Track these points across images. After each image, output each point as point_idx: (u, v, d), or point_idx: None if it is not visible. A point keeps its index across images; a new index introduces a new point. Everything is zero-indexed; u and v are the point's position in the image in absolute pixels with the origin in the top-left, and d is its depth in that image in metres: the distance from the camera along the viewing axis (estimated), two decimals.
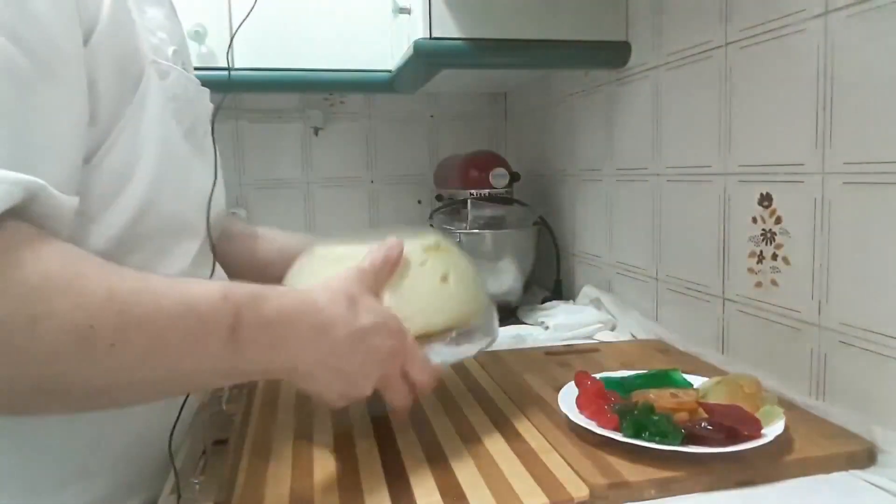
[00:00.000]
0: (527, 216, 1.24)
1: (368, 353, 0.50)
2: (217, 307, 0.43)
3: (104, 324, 0.38)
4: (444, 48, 1.00)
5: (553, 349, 0.92)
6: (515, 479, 0.53)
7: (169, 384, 0.44)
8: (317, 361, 0.48)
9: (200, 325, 0.41)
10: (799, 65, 0.70)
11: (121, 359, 0.39)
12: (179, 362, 0.41)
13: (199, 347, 0.42)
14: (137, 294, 0.40)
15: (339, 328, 0.49)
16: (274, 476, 0.55)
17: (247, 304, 0.44)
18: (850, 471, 0.56)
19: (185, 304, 0.41)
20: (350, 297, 0.51)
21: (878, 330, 0.63)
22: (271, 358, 0.46)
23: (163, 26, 0.59)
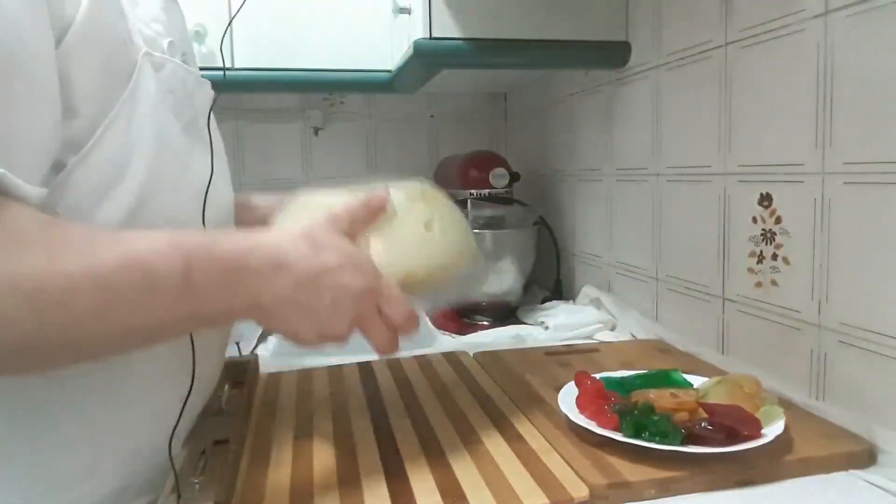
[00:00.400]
0: (527, 216, 1.24)
1: (337, 290, 0.49)
2: (165, 255, 0.43)
3: (50, 283, 0.38)
4: (444, 48, 1.00)
5: (553, 349, 0.92)
6: (515, 479, 0.53)
7: (133, 336, 0.44)
8: (279, 298, 0.47)
9: (149, 275, 0.42)
10: (799, 65, 0.70)
11: (72, 316, 0.39)
12: (135, 314, 0.42)
13: (152, 297, 0.42)
14: (83, 250, 0.41)
15: (299, 263, 0.48)
16: (274, 476, 0.56)
17: (196, 248, 0.44)
18: (850, 471, 0.56)
19: (130, 257, 0.42)
20: (310, 237, 0.50)
21: (878, 330, 0.63)
22: (230, 298, 0.45)
23: (158, 18, 0.58)
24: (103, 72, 0.49)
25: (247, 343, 1.01)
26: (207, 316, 0.46)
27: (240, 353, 0.82)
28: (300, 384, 0.79)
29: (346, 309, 0.50)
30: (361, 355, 0.86)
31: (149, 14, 0.57)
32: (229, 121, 1.55)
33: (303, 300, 0.48)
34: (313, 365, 0.86)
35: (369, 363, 0.86)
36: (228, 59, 1.26)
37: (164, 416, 0.54)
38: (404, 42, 1.11)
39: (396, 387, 0.77)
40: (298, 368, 0.85)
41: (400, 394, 0.75)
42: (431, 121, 1.68)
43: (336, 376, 0.82)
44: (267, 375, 0.82)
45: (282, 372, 0.83)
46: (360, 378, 0.81)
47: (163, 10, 0.60)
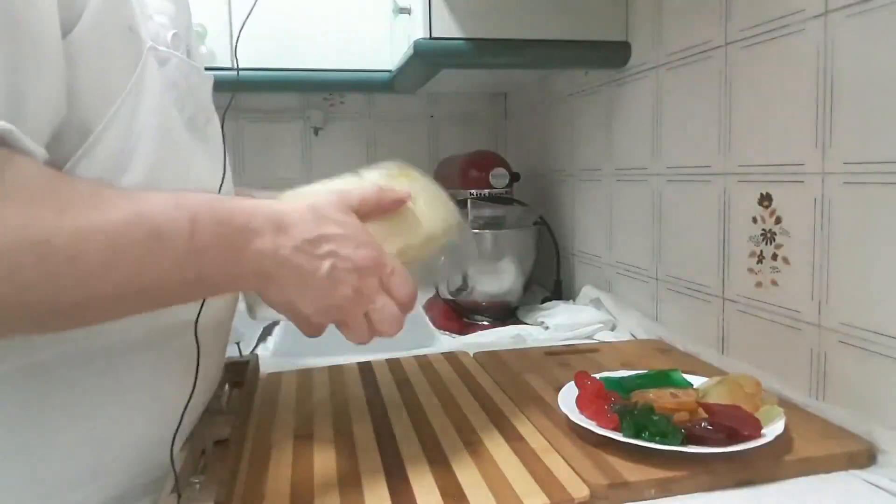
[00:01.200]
0: (527, 216, 1.24)
1: (337, 260, 0.49)
2: (171, 215, 0.43)
3: (59, 238, 0.38)
4: (444, 48, 1.00)
5: (553, 349, 0.92)
6: (515, 479, 0.53)
7: (137, 298, 0.44)
8: (278, 260, 0.47)
9: (156, 234, 0.42)
10: (799, 65, 0.70)
11: (80, 272, 0.39)
12: (141, 273, 0.42)
13: (158, 256, 0.42)
14: (91, 206, 0.40)
15: (300, 227, 0.48)
16: (274, 476, 0.56)
17: (202, 209, 0.44)
18: (850, 471, 0.56)
19: (138, 214, 0.42)
20: (314, 208, 0.50)
21: (878, 330, 0.63)
22: (234, 260, 0.46)
23: (163, 10, 0.58)
24: (110, 61, 0.49)
25: (247, 343, 1.01)
26: (212, 279, 0.46)
27: (240, 353, 0.82)
28: (300, 384, 0.79)
29: (346, 281, 0.49)
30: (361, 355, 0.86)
31: (153, 6, 0.57)
32: (229, 121, 1.54)
33: (302, 264, 0.48)
34: (313, 365, 0.86)
35: (369, 363, 0.86)
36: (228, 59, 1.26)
37: (168, 418, 0.54)
38: (404, 42, 1.11)
39: (396, 387, 0.77)
40: (298, 368, 0.84)
41: (400, 394, 0.75)
42: (431, 121, 1.68)
43: (336, 376, 0.82)
44: (267, 375, 0.82)
45: (282, 372, 0.83)
46: (360, 378, 0.81)
47: (170, 1, 0.60)
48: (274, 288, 0.49)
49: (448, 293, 1.14)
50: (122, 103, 0.49)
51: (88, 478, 0.52)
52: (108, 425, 0.52)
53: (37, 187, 0.39)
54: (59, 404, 0.50)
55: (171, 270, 0.43)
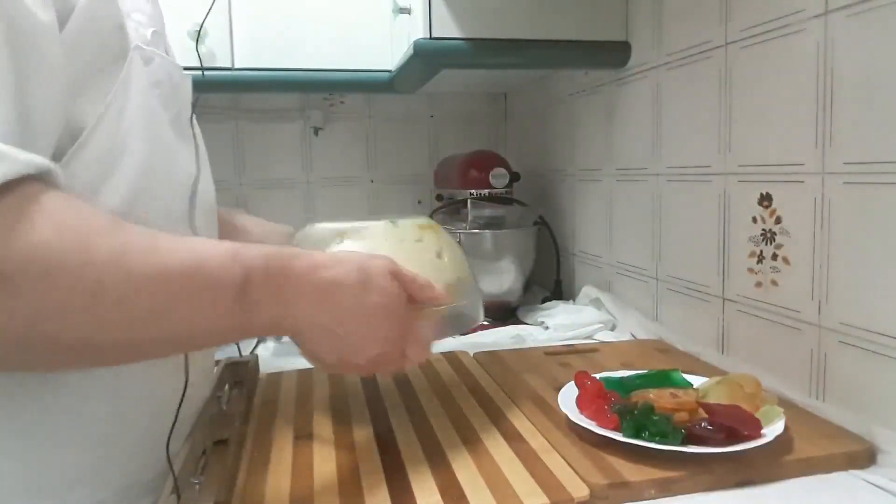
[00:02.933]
0: (527, 216, 1.24)
1: (372, 330, 0.51)
2: (226, 266, 0.43)
3: (113, 280, 0.39)
4: (444, 48, 1.00)
5: (553, 349, 0.92)
6: (515, 479, 0.53)
7: (177, 343, 0.45)
8: (317, 325, 0.49)
9: (209, 284, 0.42)
10: (799, 65, 0.70)
11: (129, 315, 0.39)
12: (188, 320, 0.42)
13: (207, 305, 0.42)
14: (146, 251, 0.41)
15: (346, 294, 0.50)
16: (274, 476, 0.56)
17: (256, 263, 0.45)
18: (850, 471, 0.56)
19: (194, 262, 0.42)
20: (362, 269, 0.51)
21: (878, 330, 0.63)
22: (279, 317, 0.47)
23: (140, 8, 0.58)
24: (97, 62, 0.49)
25: (247, 343, 1.01)
26: (252, 329, 0.47)
27: (240, 353, 0.82)
28: (300, 384, 0.79)
29: (374, 348, 0.52)
30: None
31: (131, 3, 0.57)
32: (229, 121, 1.55)
33: (338, 332, 0.50)
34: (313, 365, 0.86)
35: None
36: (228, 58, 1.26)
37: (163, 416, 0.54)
38: (404, 42, 1.11)
39: (396, 387, 0.77)
40: (298, 368, 0.84)
41: (400, 394, 0.75)
42: (431, 121, 1.68)
43: (336, 376, 0.81)
44: (267, 375, 0.82)
45: (282, 372, 0.83)
46: (360, 378, 0.81)
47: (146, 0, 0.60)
48: (308, 342, 0.51)
49: None
50: (110, 102, 0.49)
51: (86, 477, 0.52)
52: (103, 424, 0.52)
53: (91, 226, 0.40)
54: (54, 405, 0.50)
55: (219, 319, 0.44)
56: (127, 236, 0.41)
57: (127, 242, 0.41)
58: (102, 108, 0.49)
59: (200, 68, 1.07)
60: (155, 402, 0.55)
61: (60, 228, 0.38)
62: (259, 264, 0.45)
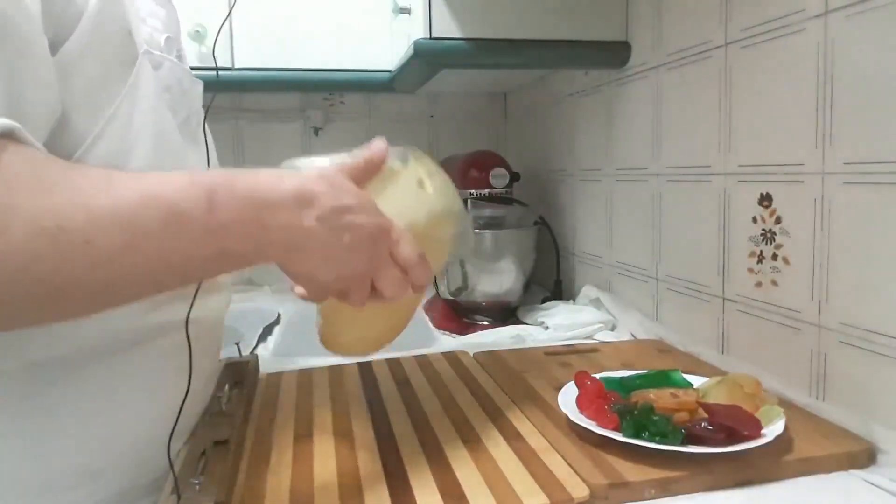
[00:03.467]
0: (527, 216, 1.24)
1: (355, 229, 0.49)
2: (187, 191, 0.42)
3: (73, 222, 0.38)
4: (444, 48, 1.00)
5: (553, 349, 0.92)
6: (515, 479, 0.53)
7: (158, 277, 0.43)
8: (303, 232, 0.47)
9: (173, 212, 0.41)
10: (799, 65, 0.70)
11: (99, 254, 0.39)
12: (161, 252, 0.41)
13: (176, 234, 0.41)
14: (103, 189, 0.40)
15: (323, 199, 0.47)
16: (274, 476, 0.56)
17: (218, 183, 0.43)
18: (850, 471, 0.56)
19: (152, 192, 0.41)
20: (327, 178, 0.50)
21: (878, 330, 0.63)
22: (257, 233, 0.45)
23: (155, 13, 0.58)
24: (107, 66, 0.49)
25: (247, 343, 1.01)
26: (235, 253, 0.45)
27: (240, 353, 0.82)
28: (300, 384, 0.79)
29: (363, 249, 0.50)
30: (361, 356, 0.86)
31: (146, 8, 0.57)
32: (229, 121, 1.55)
33: (325, 236, 0.48)
34: (313, 365, 0.86)
35: (369, 363, 0.86)
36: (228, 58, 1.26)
37: (164, 418, 0.54)
38: (404, 42, 1.11)
39: (396, 387, 0.77)
40: (298, 368, 0.84)
41: (400, 394, 0.75)
42: (431, 121, 1.68)
43: (336, 376, 0.82)
44: (267, 375, 0.82)
45: (282, 372, 0.83)
46: (360, 378, 0.81)
47: (160, 5, 0.60)
48: (298, 259, 0.48)
49: (448, 293, 1.14)
50: (118, 106, 0.50)
51: (87, 478, 0.52)
52: (104, 426, 0.52)
53: (46, 174, 0.39)
54: (55, 405, 0.50)
55: (191, 248, 0.43)
56: (83, 178, 0.40)
57: (83, 184, 0.40)
58: (111, 111, 0.49)
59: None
60: (157, 403, 0.55)
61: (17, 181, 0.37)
62: (220, 181, 0.44)
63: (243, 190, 0.44)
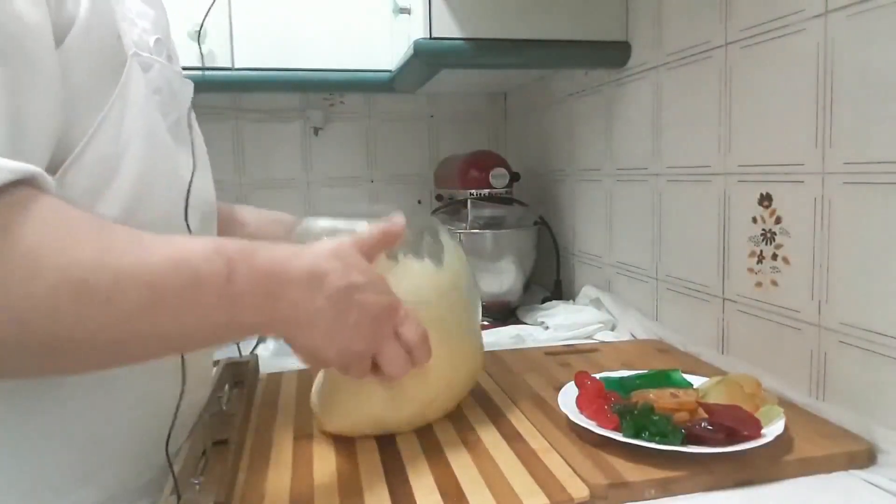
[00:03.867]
0: (527, 216, 1.24)
1: (361, 308, 0.50)
2: (210, 259, 0.43)
3: (98, 278, 0.39)
4: (444, 48, 1.00)
5: (553, 349, 0.92)
6: (515, 480, 0.53)
7: (167, 341, 0.44)
8: (311, 309, 0.48)
9: (195, 278, 0.42)
10: (799, 65, 0.70)
11: (118, 313, 0.39)
12: (178, 315, 0.42)
13: (195, 299, 0.42)
14: (130, 249, 0.41)
15: (333, 279, 0.49)
16: (274, 476, 0.56)
17: (239, 255, 0.45)
18: (850, 471, 0.56)
19: (178, 257, 0.42)
20: (340, 255, 0.51)
21: (878, 330, 0.63)
22: (269, 307, 0.46)
23: (144, 14, 0.58)
24: (97, 70, 0.49)
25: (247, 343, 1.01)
26: (243, 325, 0.46)
27: (240, 353, 0.82)
28: (300, 384, 0.79)
29: (367, 328, 0.51)
30: None
31: (135, 9, 0.57)
32: (229, 121, 1.55)
33: (331, 314, 0.49)
34: None
35: None
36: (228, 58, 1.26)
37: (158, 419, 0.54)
38: (404, 42, 1.11)
39: None
40: (298, 368, 0.84)
41: None
42: (431, 121, 1.68)
43: None
44: (267, 375, 0.82)
45: (282, 372, 0.83)
46: None
47: (149, 5, 0.60)
48: (303, 334, 0.49)
49: None
50: (109, 110, 0.49)
51: (82, 480, 0.52)
52: (99, 427, 0.52)
53: (76, 229, 0.40)
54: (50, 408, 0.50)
55: (205, 315, 0.43)
56: (111, 235, 0.41)
57: (112, 241, 0.41)
58: (102, 115, 0.49)
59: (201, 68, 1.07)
60: (151, 404, 0.55)
61: (45, 232, 0.38)
62: (241, 255, 0.45)
63: (262, 264, 0.46)
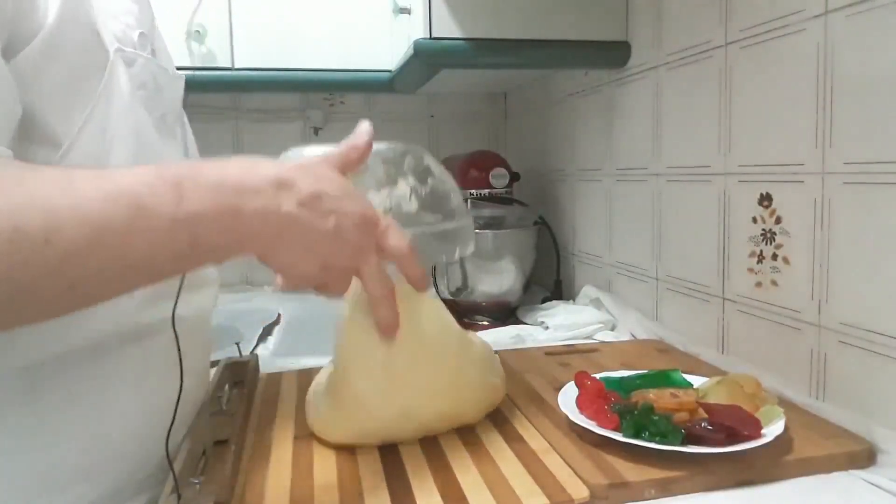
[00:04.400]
0: (527, 216, 1.24)
1: (340, 216, 0.47)
2: (152, 184, 0.40)
3: (31, 221, 0.37)
4: (444, 48, 1.00)
5: (553, 349, 0.92)
6: (515, 480, 0.53)
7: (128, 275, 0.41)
8: (285, 219, 0.44)
9: (137, 206, 0.39)
10: (799, 65, 0.70)
11: (61, 253, 0.37)
12: (129, 248, 0.40)
13: (143, 228, 0.40)
14: (61, 188, 0.39)
15: (303, 185, 0.45)
16: (274, 476, 0.56)
17: (185, 174, 0.41)
18: (850, 471, 0.56)
19: (114, 189, 0.39)
20: (306, 166, 0.48)
21: (878, 330, 0.63)
22: (231, 223, 0.43)
23: (129, 10, 0.58)
24: (77, 69, 0.49)
25: (247, 343, 1.01)
26: (208, 246, 0.43)
27: (240, 353, 0.82)
28: (300, 384, 0.79)
29: (348, 238, 0.47)
30: None
31: (119, 5, 0.56)
32: (229, 121, 1.55)
33: (306, 222, 0.45)
34: (313, 365, 0.86)
35: None
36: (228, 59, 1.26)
37: (156, 416, 0.54)
38: (404, 42, 1.11)
39: None
40: (298, 368, 0.84)
41: None
42: (431, 121, 1.68)
43: None
44: (267, 375, 0.82)
45: (282, 372, 0.83)
46: None
47: (133, 1, 0.59)
48: (277, 249, 0.46)
49: (448, 293, 1.14)
50: (94, 108, 0.49)
51: (80, 477, 0.52)
52: (96, 424, 0.52)
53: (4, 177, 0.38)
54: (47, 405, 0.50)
55: (160, 243, 0.41)
56: (40, 177, 0.39)
57: (40, 183, 0.38)
58: (86, 113, 0.48)
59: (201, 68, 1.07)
60: (146, 402, 0.55)
61: None
62: (187, 172, 0.42)
63: (213, 178, 0.42)
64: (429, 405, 0.60)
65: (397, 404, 0.59)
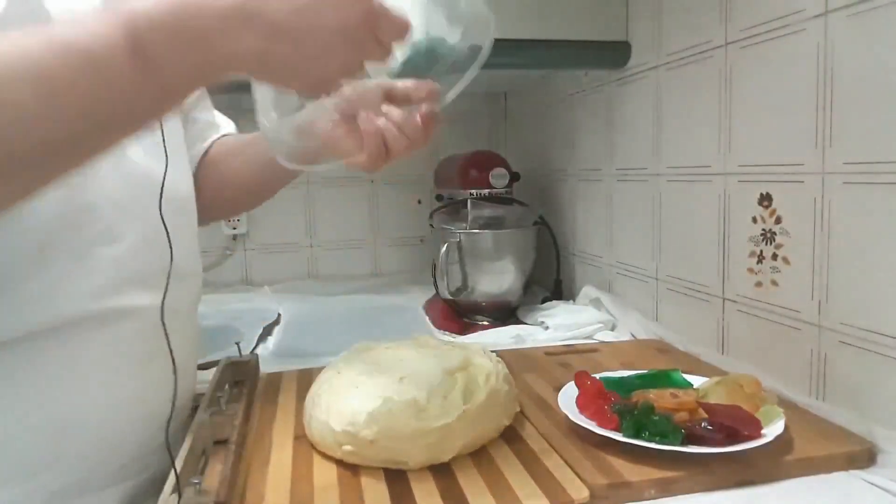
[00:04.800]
0: (527, 216, 1.24)
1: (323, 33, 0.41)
2: (100, 34, 0.37)
3: None
4: None
5: (553, 349, 0.92)
6: (515, 481, 0.53)
7: (96, 133, 0.39)
8: (252, 55, 0.39)
9: (88, 59, 0.36)
10: (799, 65, 0.70)
11: (16, 113, 0.35)
12: (90, 98, 0.37)
13: (100, 84, 0.36)
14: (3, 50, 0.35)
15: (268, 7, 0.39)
16: (274, 476, 0.56)
17: (135, 12, 0.37)
18: (850, 471, 0.56)
19: (59, 39, 0.36)
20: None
21: (878, 330, 0.63)
22: (200, 53, 0.38)
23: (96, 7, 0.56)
24: None
25: (247, 343, 1.01)
26: (179, 82, 0.39)
27: (240, 353, 0.82)
28: (300, 384, 0.79)
29: (338, 51, 0.42)
30: None
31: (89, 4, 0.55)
32: None
33: (282, 51, 0.40)
34: (313, 365, 0.86)
35: None
36: None
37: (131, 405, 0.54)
38: None
39: None
40: (298, 368, 0.84)
41: None
42: None
43: None
44: (267, 375, 0.82)
45: (282, 372, 0.83)
46: None
47: None
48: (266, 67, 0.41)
49: (448, 293, 1.14)
50: None
51: (44, 465, 0.52)
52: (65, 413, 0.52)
53: None
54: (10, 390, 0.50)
55: (126, 95, 0.37)
56: None
57: None
58: None
59: None
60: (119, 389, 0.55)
61: None
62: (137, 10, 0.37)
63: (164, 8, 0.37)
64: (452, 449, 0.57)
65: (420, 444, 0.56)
